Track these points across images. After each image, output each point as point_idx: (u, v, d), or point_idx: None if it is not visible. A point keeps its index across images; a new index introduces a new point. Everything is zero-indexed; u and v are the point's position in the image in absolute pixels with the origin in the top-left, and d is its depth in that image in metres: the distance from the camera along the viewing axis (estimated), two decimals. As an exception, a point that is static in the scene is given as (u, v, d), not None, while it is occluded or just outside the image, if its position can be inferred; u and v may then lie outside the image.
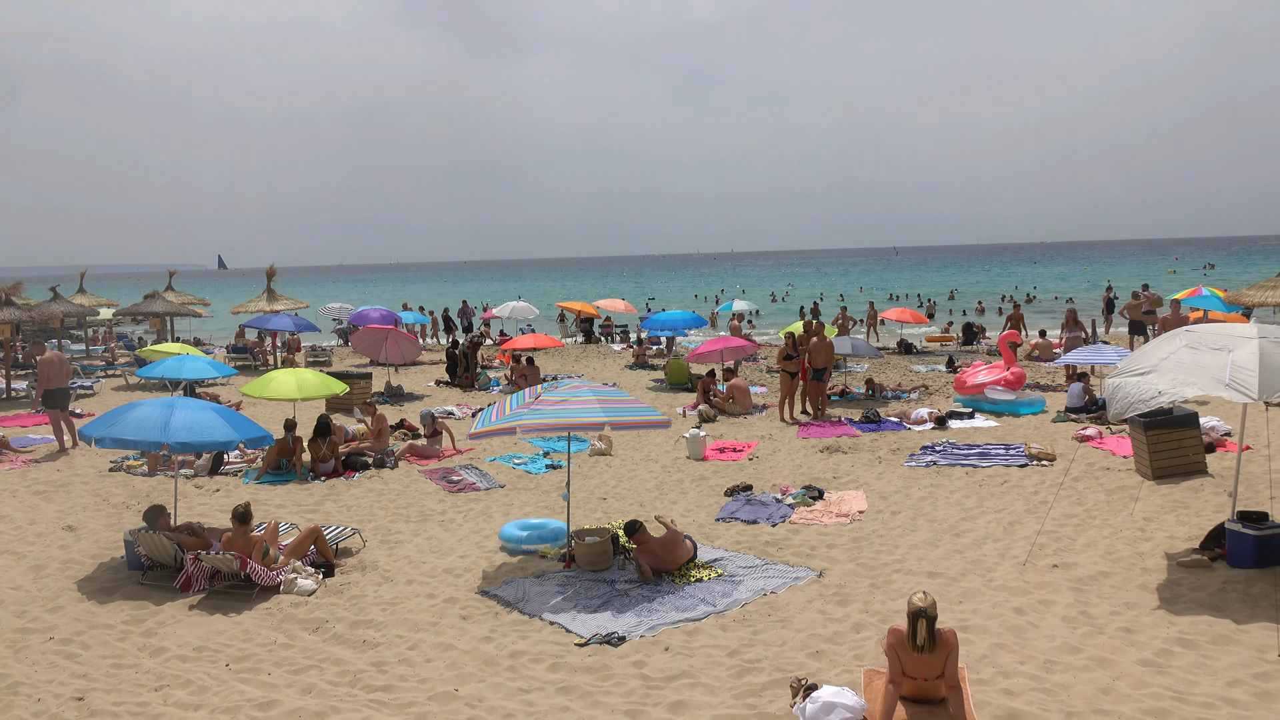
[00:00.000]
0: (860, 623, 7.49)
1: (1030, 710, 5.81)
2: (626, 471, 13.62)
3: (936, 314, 45.64)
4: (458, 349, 24.45)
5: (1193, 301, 27.08)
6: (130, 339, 38.47)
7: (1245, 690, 5.98)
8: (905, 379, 22.42)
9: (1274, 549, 8.11)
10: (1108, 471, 12.06)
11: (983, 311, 47.15)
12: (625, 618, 7.85)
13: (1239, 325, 8.27)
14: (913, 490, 11.73)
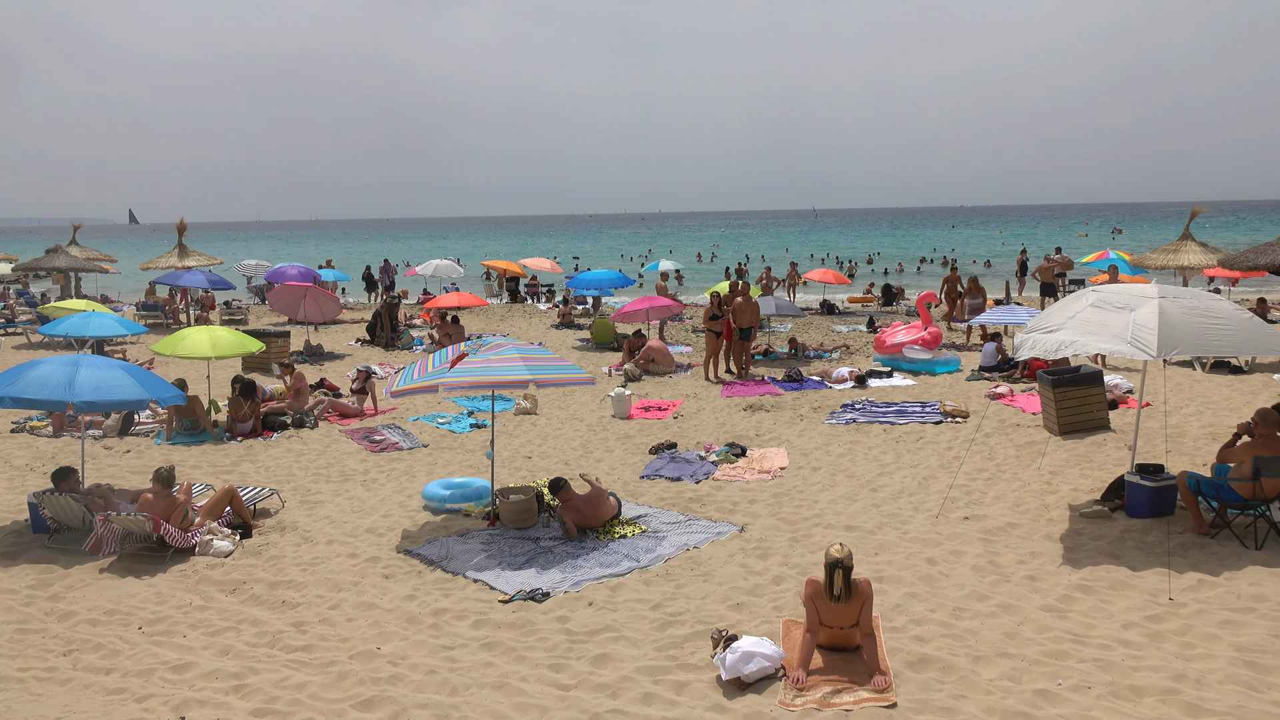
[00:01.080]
0: (780, 575, 7.67)
1: (940, 655, 6.05)
2: (552, 430, 13.61)
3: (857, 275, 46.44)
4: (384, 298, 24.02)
5: (1101, 264, 28.08)
6: (32, 296, 36.78)
7: (1139, 632, 6.31)
8: (827, 339, 22.81)
9: (1168, 499, 8.54)
10: (1017, 428, 12.51)
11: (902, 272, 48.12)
12: (549, 574, 7.89)
13: (1142, 285, 8.61)
14: (833, 447, 11.99)
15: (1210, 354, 8.26)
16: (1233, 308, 8.33)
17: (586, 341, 23.03)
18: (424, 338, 23.81)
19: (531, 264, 36.59)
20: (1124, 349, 7.73)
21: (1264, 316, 21.14)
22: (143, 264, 30.81)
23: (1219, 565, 7.36)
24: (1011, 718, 5.26)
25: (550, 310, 31.12)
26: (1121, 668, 5.78)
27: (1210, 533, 8.01)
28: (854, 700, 5.55)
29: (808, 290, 37.10)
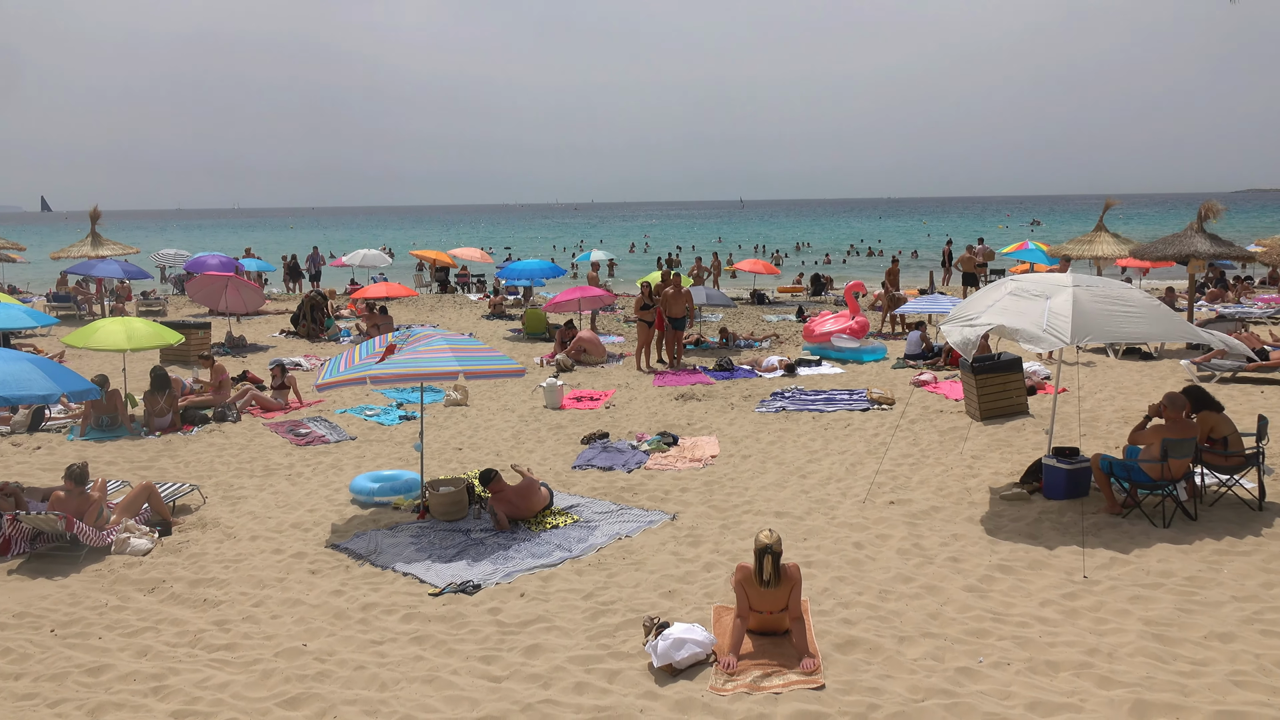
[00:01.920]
0: (711, 562, 7.74)
1: (866, 637, 6.17)
2: (483, 421, 13.50)
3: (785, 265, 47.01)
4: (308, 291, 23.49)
5: (1020, 255, 28.87)
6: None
7: (1055, 609, 6.53)
8: (757, 328, 23.05)
9: (1083, 481, 8.84)
10: (941, 414, 12.82)
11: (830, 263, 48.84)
12: (480, 566, 7.83)
13: (1057, 275, 8.88)
14: (763, 435, 12.13)
15: (1121, 340, 8.56)
16: (1142, 296, 8.65)
17: (518, 332, 22.88)
18: (351, 329, 23.37)
19: (462, 254, 36.16)
20: (1040, 336, 7.97)
21: (1172, 305, 21.99)
22: (54, 253, 29.58)
23: (1130, 543, 7.65)
24: (934, 695, 5.39)
25: (481, 301, 30.82)
26: (1039, 644, 5.97)
27: (1122, 512, 8.33)
28: (783, 683, 5.63)
29: (738, 281, 37.43)
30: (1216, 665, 5.59)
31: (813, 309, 26.12)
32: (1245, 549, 7.42)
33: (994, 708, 5.22)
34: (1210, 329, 16.68)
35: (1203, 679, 5.43)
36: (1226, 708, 5.09)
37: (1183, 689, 5.32)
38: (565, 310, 21.55)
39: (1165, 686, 5.36)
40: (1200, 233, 17.52)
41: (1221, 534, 7.75)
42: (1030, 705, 5.23)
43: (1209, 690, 5.30)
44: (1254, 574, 6.93)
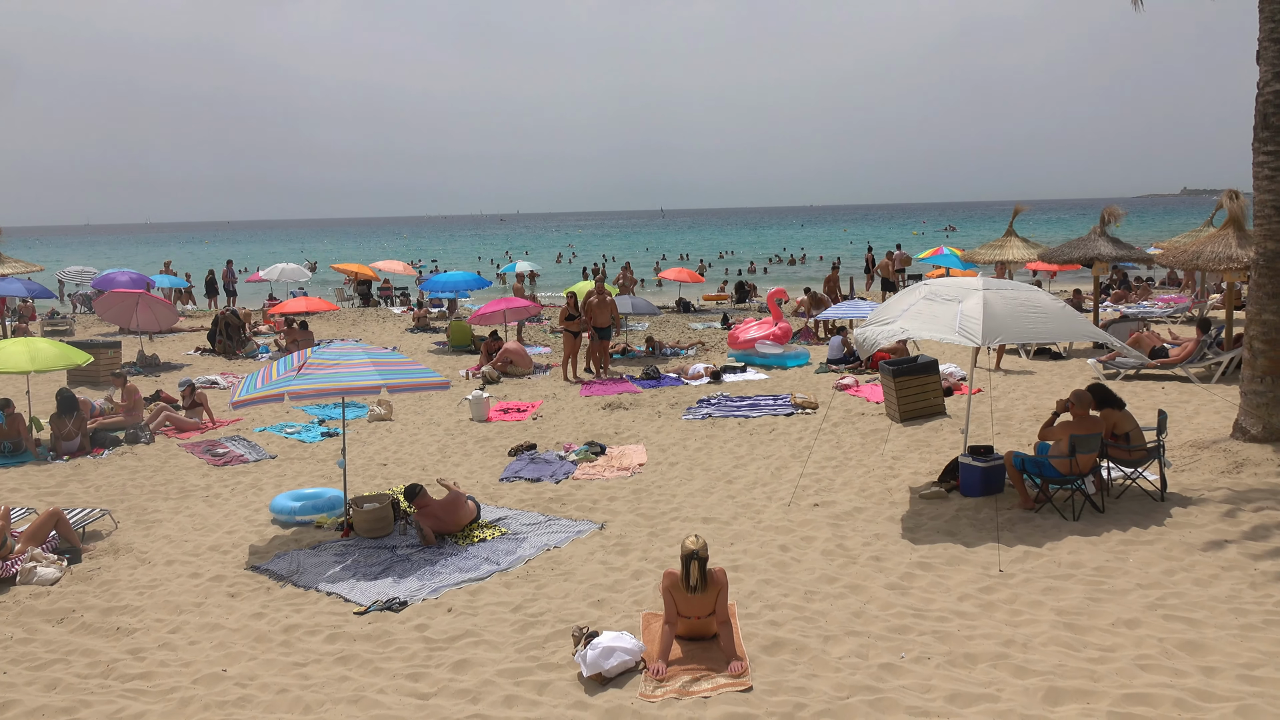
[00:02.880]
0: (640, 570, 7.77)
1: (793, 638, 6.27)
2: (408, 436, 13.32)
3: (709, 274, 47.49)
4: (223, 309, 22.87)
5: (935, 260, 29.68)
6: None
7: (973, 603, 6.73)
8: (683, 336, 23.22)
9: (997, 478, 9.13)
10: (863, 416, 13.09)
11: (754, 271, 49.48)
12: (407, 582, 7.73)
13: (968, 279, 9.17)
14: (690, 441, 12.23)
15: (1029, 340, 8.88)
16: (1049, 298, 8.99)
17: (443, 345, 22.63)
18: (270, 345, 22.83)
19: (384, 266, 35.65)
20: (953, 338, 8.22)
21: (1079, 307, 22.86)
22: (-52, 272, 28.22)
23: (1042, 537, 7.93)
24: (859, 692, 5.51)
25: (405, 314, 30.40)
26: (958, 637, 6.15)
27: (1035, 507, 8.62)
28: (712, 687, 5.69)
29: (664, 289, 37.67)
30: (1123, 650, 5.83)
31: (737, 316, 26.43)
32: (1149, 539, 7.76)
33: (916, 701, 5.36)
34: (1114, 329, 17.41)
35: (1111, 664, 5.65)
36: (1133, 690, 5.31)
37: (1092, 675, 5.54)
38: (490, 322, 21.41)
39: (1076, 673, 5.57)
40: (1103, 236, 18.28)
41: (1127, 525, 8.09)
42: (950, 697, 5.38)
43: (1116, 675, 5.52)
44: (1157, 562, 7.25)
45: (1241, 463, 9.36)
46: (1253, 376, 9.79)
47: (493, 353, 18.71)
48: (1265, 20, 9.62)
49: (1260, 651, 5.68)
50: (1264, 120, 9.69)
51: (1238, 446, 9.71)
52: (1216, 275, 18.20)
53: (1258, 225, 9.88)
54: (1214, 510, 8.24)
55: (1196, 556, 7.29)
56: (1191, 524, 7.99)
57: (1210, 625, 6.08)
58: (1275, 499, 8.33)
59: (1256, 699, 5.13)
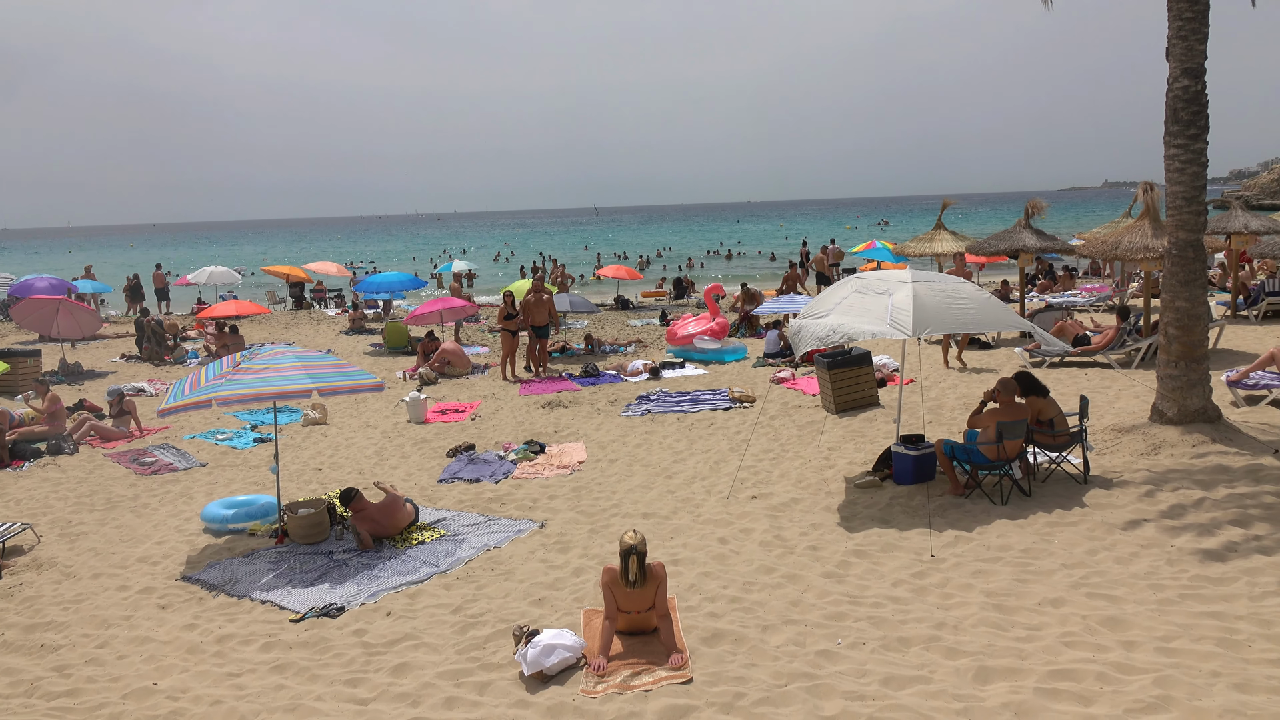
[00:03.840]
0: (580, 567, 7.79)
1: (732, 629, 6.35)
2: (344, 440, 13.13)
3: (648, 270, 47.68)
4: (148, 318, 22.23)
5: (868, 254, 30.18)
6: None
7: (906, 588, 6.88)
8: (622, 333, 23.27)
9: (929, 466, 9.35)
10: (799, 409, 13.28)
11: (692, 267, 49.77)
12: (344, 588, 7.63)
13: (898, 271, 9.37)
14: (629, 438, 12.27)
15: (958, 331, 9.10)
16: (974, 289, 9.23)
17: (379, 347, 22.34)
18: (199, 350, 22.28)
19: (317, 268, 35.03)
20: (885, 330, 8.39)
21: (1005, 297, 23.46)
22: None
23: (972, 521, 8.15)
24: (797, 680, 5.60)
25: (339, 316, 29.92)
26: (892, 622, 6.29)
27: (965, 493, 8.85)
28: (653, 680, 5.73)
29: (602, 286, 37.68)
30: (1049, 629, 6.02)
31: (675, 312, 26.56)
32: (1073, 520, 8.02)
33: (852, 686, 5.47)
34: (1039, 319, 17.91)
35: (1037, 642, 5.84)
36: (1058, 667, 5.49)
37: (1020, 653, 5.71)
38: (427, 322, 21.19)
39: (1005, 652, 5.73)
40: (1027, 229, 18.78)
41: (1052, 507, 8.35)
42: (884, 680, 5.51)
43: (1043, 652, 5.70)
44: (1081, 542, 7.50)
45: (1159, 444, 9.72)
46: (1168, 361, 10.17)
47: (430, 353, 18.54)
48: (1173, 19, 9.98)
49: (1176, 625, 5.92)
50: (1174, 115, 10.06)
51: (1155, 429, 10.07)
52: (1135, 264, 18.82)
53: (1170, 216, 10.25)
54: (1134, 491, 8.54)
55: (1117, 536, 7.56)
56: (1113, 505, 8.27)
57: (1130, 601, 6.32)
58: (1190, 479, 8.68)
59: (1173, 670, 5.34)
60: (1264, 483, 8.42)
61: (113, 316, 31.51)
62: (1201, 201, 10.10)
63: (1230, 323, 18.47)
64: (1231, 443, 9.55)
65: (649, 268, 50.16)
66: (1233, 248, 20.30)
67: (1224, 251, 22.67)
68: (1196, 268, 10.08)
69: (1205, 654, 5.51)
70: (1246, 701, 4.97)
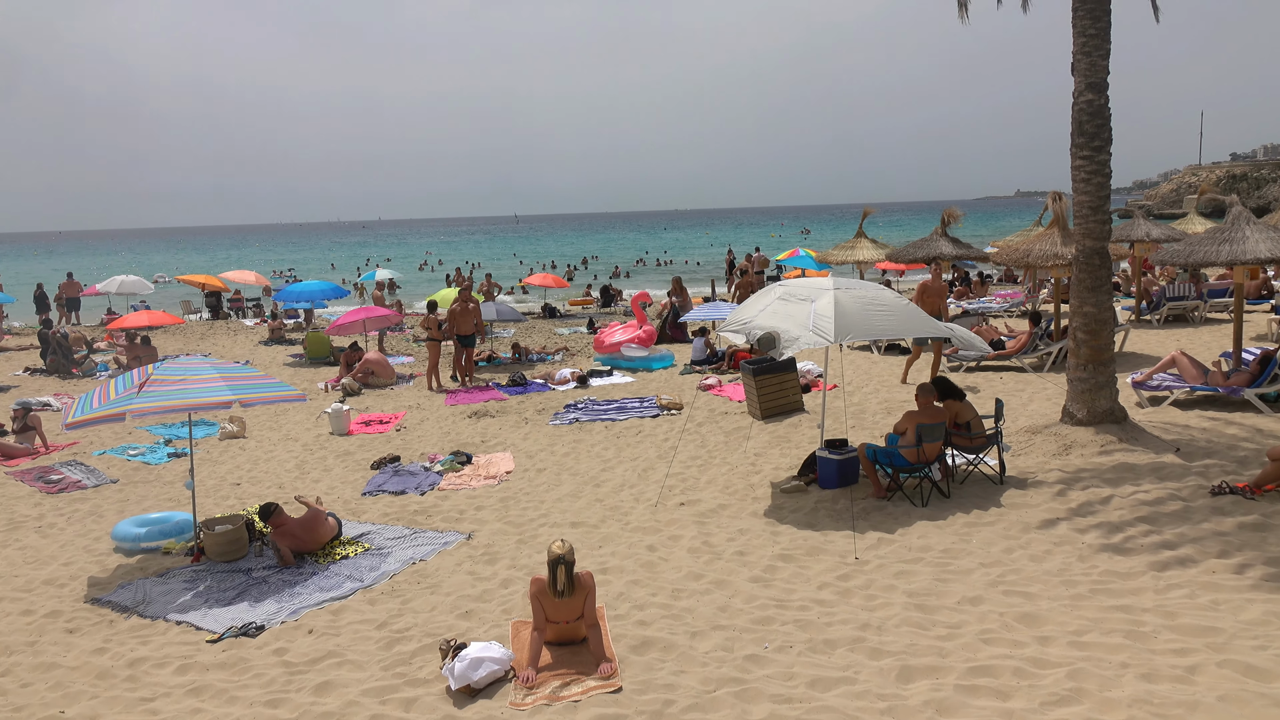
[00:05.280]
0: (508, 578, 7.72)
1: (661, 636, 6.36)
2: (263, 453, 12.79)
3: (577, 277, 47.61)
4: (52, 330, 21.34)
5: (792, 261, 30.64)
6: None
7: (831, 591, 7.00)
8: (549, 341, 23.18)
9: (852, 470, 9.52)
10: (726, 415, 13.40)
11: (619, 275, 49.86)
12: (264, 606, 7.43)
13: (820, 279, 9.53)
14: (557, 447, 12.22)
15: (877, 337, 9.29)
16: (893, 295, 9.44)
17: (299, 357, 21.82)
18: (109, 362, 21.47)
19: (234, 277, 34.08)
20: (808, 336, 8.52)
21: (926, 303, 24.05)
22: None
23: (894, 523, 8.32)
24: (725, 685, 5.65)
25: (258, 326, 29.16)
26: (818, 625, 6.38)
27: (887, 496, 9.04)
28: (582, 690, 5.71)
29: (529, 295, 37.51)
30: (968, 626, 6.18)
31: (603, 320, 26.57)
32: (990, 520, 8.26)
33: (779, 689, 5.53)
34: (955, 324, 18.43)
35: (957, 640, 5.99)
36: (977, 663, 5.65)
37: (941, 651, 5.86)
38: (350, 332, 20.81)
39: (926, 651, 5.87)
40: (944, 237, 19.31)
41: (970, 508, 8.58)
42: (811, 683, 5.58)
43: (963, 650, 5.86)
44: (997, 541, 7.73)
45: (1070, 445, 10.08)
46: (1077, 365, 10.55)
47: (352, 364, 18.19)
48: (1078, 35, 10.39)
49: (1088, 619, 6.14)
50: (1079, 127, 10.46)
51: (1066, 430, 10.44)
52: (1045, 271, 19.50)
53: (1077, 224, 10.65)
54: (1047, 490, 8.84)
55: (1032, 534, 7.81)
56: (1027, 504, 8.55)
57: (1044, 598, 6.53)
58: (1099, 477, 9.02)
59: (1085, 663, 5.54)
60: (1167, 480, 8.80)
61: (15, 328, 30.17)
62: (1106, 211, 10.52)
63: (1135, 327, 19.28)
64: (1137, 442, 9.95)
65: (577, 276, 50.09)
66: (1136, 255, 21.19)
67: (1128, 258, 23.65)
68: (1102, 274, 10.49)
69: (1114, 646, 5.72)
70: (1153, 690, 5.18)
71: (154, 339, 24.09)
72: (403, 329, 26.27)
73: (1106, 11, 10.24)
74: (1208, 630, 5.82)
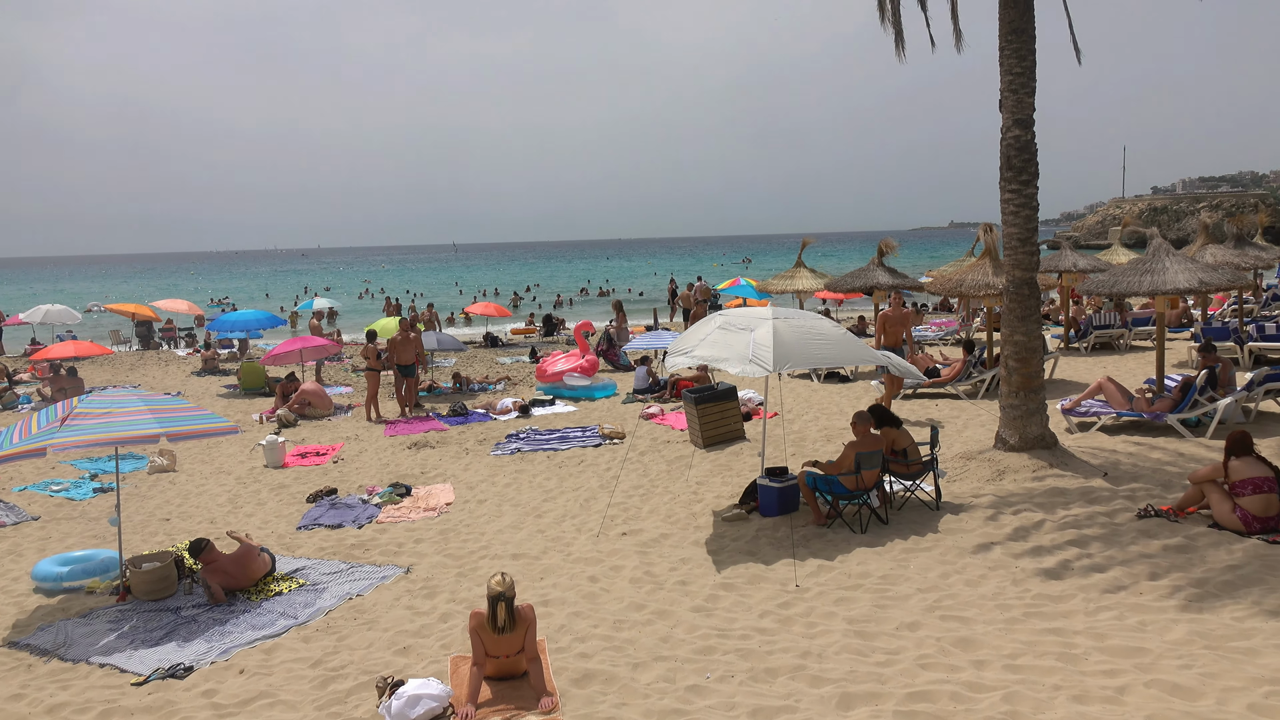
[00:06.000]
0: (448, 612, 7.60)
1: (602, 668, 6.31)
2: (194, 487, 12.44)
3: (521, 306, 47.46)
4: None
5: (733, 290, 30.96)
6: None
7: (773, 619, 7.02)
8: (491, 371, 23.03)
9: (793, 498, 9.60)
10: (668, 444, 13.43)
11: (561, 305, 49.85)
12: (193, 645, 7.20)
13: (760, 309, 9.65)
14: (499, 478, 12.11)
15: (815, 365, 9.42)
16: (831, 325, 9.60)
17: (234, 388, 21.35)
18: (32, 395, 20.74)
19: (166, 306, 33.32)
20: (747, 367, 8.60)
21: (862, 333, 24.49)
22: None
23: (834, 550, 8.40)
24: (667, 716, 5.61)
25: (191, 356, 28.47)
26: (759, 653, 6.39)
27: (826, 523, 9.13)
28: (522, 725, 5.63)
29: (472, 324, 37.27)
30: (906, 652, 6.25)
31: (545, 349, 26.50)
32: (927, 545, 8.38)
33: (721, 719, 5.52)
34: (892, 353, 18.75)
35: (896, 666, 6.05)
36: (915, 689, 5.70)
37: (880, 678, 5.90)
38: (286, 362, 20.43)
39: (866, 678, 5.92)
40: (880, 267, 19.72)
41: (908, 534, 8.70)
42: (753, 712, 5.58)
43: (901, 675, 5.91)
44: (934, 566, 7.84)
45: (1003, 470, 10.30)
46: (1009, 392, 10.81)
47: (289, 394, 17.84)
48: (1005, 74, 10.75)
49: (1021, 642, 6.25)
50: (1007, 162, 10.80)
51: (1000, 456, 10.67)
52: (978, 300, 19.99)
53: (1007, 255, 10.96)
54: (981, 515, 9.01)
55: (967, 559, 7.94)
56: (962, 529, 8.70)
57: (980, 622, 6.64)
58: (1031, 502, 9.23)
59: (1019, 686, 5.63)
60: (1095, 504, 9.04)
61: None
62: (1034, 242, 10.85)
63: (1064, 354, 19.84)
64: (1067, 467, 10.21)
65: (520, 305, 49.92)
66: (1064, 285, 21.85)
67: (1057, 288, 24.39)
68: (1032, 304, 10.80)
69: (1047, 669, 5.83)
70: (1084, 712, 5.28)
71: (81, 370, 23.34)
72: (341, 359, 25.88)
73: (1031, 52, 10.62)
74: (1136, 651, 5.97)
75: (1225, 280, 13.48)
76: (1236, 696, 5.29)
